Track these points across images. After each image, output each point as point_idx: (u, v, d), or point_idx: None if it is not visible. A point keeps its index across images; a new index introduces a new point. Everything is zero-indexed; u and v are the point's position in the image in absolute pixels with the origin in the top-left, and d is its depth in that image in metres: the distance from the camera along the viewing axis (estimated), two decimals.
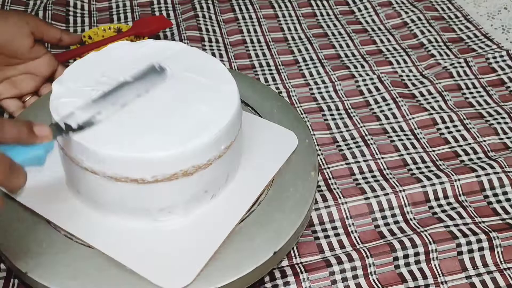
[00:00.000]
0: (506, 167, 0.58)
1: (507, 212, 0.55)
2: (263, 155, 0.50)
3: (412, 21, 0.81)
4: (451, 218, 0.54)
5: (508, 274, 0.50)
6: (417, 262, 0.50)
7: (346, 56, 0.75)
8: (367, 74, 0.71)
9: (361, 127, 0.64)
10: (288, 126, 0.54)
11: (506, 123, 0.65)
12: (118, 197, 0.43)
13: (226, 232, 0.44)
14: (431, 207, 0.55)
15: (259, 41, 0.77)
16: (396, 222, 0.54)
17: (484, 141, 0.63)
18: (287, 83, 0.70)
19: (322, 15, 0.83)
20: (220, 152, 0.43)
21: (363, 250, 0.50)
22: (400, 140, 0.63)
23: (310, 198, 0.48)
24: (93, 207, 0.45)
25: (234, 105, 0.45)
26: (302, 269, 0.49)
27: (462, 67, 0.72)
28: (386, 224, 0.54)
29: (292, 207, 0.47)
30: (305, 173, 0.50)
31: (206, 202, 0.46)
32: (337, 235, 0.53)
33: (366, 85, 0.70)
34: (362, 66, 0.73)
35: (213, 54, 0.73)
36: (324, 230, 0.53)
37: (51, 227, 0.44)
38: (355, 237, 0.53)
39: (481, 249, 0.51)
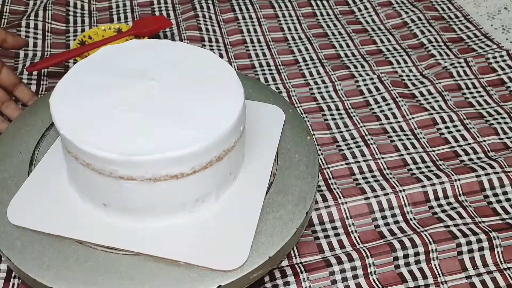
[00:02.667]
0: (506, 167, 0.58)
1: (507, 212, 0.55)
2: (261, 131, 0.52)
3: (412, 21, 0.81)
4: (451, 218, 0.54)
5: (508, 274, 0.50)
6: (417, 262, 0.50)
7: (346, 56, 0.75)
8: (367, 74, 0.71)
9: (361, 127, 0.64)
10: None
11: (506, 123, 0.65)
12: (155, 198, 0.43)
13: (259, 206, 0.46)
14: (431, 207, 0.55)
15: (259, 41, 0.77)
16: (396, 222, 0.54)
17: (484, 141, 0.63)
18: (287, 83, 0.70)
19: (322, 15, 0.83)
20: (240, 133, 0.45)
21: (363, 250, 0.50)
22: (400, 140, 0.63)
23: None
24: (126, 216, 0.44)
25: (242, 92, 0.46)
26: (302, 269, 0.49)
27: (462, 67, 0.72)
28: (386, 224, 0.54)
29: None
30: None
31: (230, 184, 0.47)
32: (337, 235, 0.53)
33: (366, 85, 0.70)
34: (362, 66, 0.73)
35: None
36: (324, 230, 0.53)
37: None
38: (355, 237, 0.53)
39: (481, 249, 0.51)
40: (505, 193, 0.57)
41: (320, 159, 0.60)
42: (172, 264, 0.42)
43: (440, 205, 0.56)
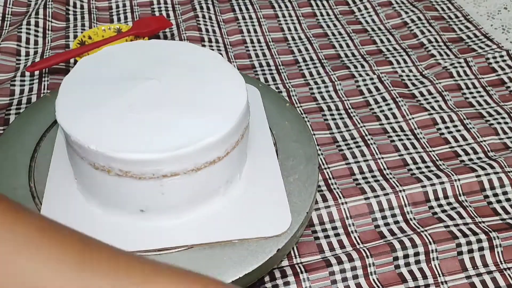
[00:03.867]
0: (506, 167, 0.58)
1: (507, 212, 0.55)
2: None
3: (412, 21, 0.81)
4: (451, 218, 0.54)
5: (508, 274, 0.50)
6: (417, 262, 0.50)
7: (346, 56, 0.75)
8: (367, 74, 0.71)
9: (361, 127, 0.64)
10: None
11: (506, 123, 0.65)
12: (196, 187, 0.44)
13: (278, 173, 0.49)
14: (431, 207, 0.55)
15: (259, 41, 0.77)
16: (396, 222, 0.54)
17: (484, 141, 0.63)
18: (287, 83, 0.70)
19: (322, 15, 0.83)
20: (248, 119, 0.47)
21: (363, 250, 0.50)
22: (400, 140, 0.63)
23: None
24: (164, 215, 0.44)
25: (243, 81, 0.48)
26: (302, 269, 0.49)
27: (462, 67, 0.73)
28: (386, 224, 0.54)
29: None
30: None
31: (245, 163, 0.49)
32: (337, 235, 0.53)
33: (366, 85, 0.70)
34: (362, 66, 0.73)
35: None
36: (324, 230, 0.53)
37: None
38: (355, 237, 0.53)
39: (481, 249, 0.51)
40: (505, 193, 0.57)
41: (320, 159, 0.60)
42: (225, 246, 0.43)
43: (440, 205, 0.56)
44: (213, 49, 0.74)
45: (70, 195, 0.46)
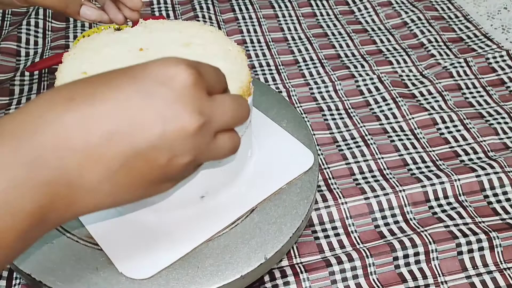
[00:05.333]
0: (506, 167, 0.58)
1: (507, 212, 0.55)
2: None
3: (412, 21, 0.81)
4: (451, 218, 0.54)
5: (508, 274, 0.50)
6: (417, 262, 0.50)
7: (346, 56, 0.75)
8: (367, 74, 0.71)
9: (361, 127, 0.64)
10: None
11: (506, 123, 0.65)
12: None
13: (283, 130, 0.53)
14: (431, 207, 0.55)
15: (259, 41, 0.77)
16: (396, 222, 0.54)
17: (484, 141, 0.63)
18: (287, 83, 0.70)
19: (322, 15, 0.83)
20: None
21: (363, 250, 0.50)
22: (400, 140, 0.63)
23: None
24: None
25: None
26: (302, 269, 0.49)
27: (462, 67, 0.73)
28: (386, 224, 0.54)
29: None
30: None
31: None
32: (337, 235, 0.53)
33: (366, 85, 0.70)
34: (362, 66, 0.73)
35: None
36: (324, 230, 0.53)
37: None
38: (355, 237, 0.53)
39: (481, 249, 0.51)
40: (505, 193, 0.57)
41: (320, 159, 0.60)
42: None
43: (440, 205, 0.56)
44: None
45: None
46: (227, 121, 0.32)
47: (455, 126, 0.64)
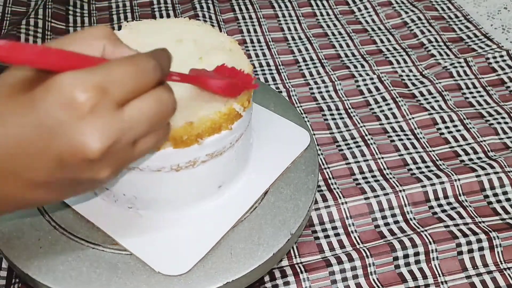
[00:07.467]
0: (506, 167, 0.58)
1: (507, 212, 0.55)
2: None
3: (412, 21, 0.81)
4: (451, 218, 0.54)
5: (508, 274, 0.50)
6: (417, 262, 0.50)
7: (346, 56, 0.75)
8: (367, 74, 0.71)
9: (361, 127, 0.64)
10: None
11: (506, 123, 0.65)
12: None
13: (275, 115, 0.54)
14: (431, 207, 0.55)
15: (259, 41, 0.77)
16: (396, 222, 0.54)
17: (484, 141, 0.63)
18: (287, 83, 0.70)
19: (322, 15, 0.83)
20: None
21: (363, 250, 0.50)
22: (400, 140, 0.63)
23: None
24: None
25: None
26: (302, 269, 0.49)
27: (462, 67, 0.72)
28: (386, 224, 0.54)
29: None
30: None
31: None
32: (337, 235, 0.53)
33: (366, 85, 0.70)
34: (362, 66, 0.73)
35: None
36: (324, 230, 0.53)
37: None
38: (355, 237, 0.53)
39: (481, 249, 0.51)
40: (505, 193, 0.57)
41: (320, 159, 0.60)
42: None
43: (440, 205, 0.56)
44: None
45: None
46: (144, 129, 0.30)
47: (455, 126, 0.64)
